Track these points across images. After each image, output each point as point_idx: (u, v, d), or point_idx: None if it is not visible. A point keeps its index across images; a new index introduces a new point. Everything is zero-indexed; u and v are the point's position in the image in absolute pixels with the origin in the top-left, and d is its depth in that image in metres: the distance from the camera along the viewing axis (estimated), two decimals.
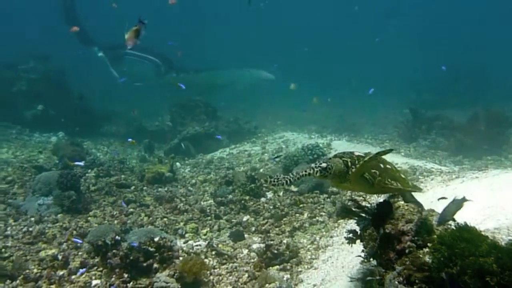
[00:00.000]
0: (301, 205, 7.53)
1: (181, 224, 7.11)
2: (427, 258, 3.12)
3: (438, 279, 2.96)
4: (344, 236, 4.08)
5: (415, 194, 3.98)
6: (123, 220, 7.06)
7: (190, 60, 17.74)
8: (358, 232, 3.96)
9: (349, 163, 3.58)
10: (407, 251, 3.26)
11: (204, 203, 8.09)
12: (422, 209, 3.60)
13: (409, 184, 3.90)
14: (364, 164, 3.49)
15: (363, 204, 3.95)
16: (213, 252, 6.00)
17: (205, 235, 6.80)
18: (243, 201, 7.78)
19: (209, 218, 7.39)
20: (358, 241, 3.98)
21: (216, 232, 6.90)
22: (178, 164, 11.71)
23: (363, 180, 3.59)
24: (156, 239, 5.22)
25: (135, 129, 15.42)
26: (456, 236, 2.99)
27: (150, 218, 7.28)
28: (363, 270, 4.08)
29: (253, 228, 6.89)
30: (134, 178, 9.74)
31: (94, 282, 5.04)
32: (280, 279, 5.12)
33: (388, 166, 3.84)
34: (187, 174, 10.60)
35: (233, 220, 7.21)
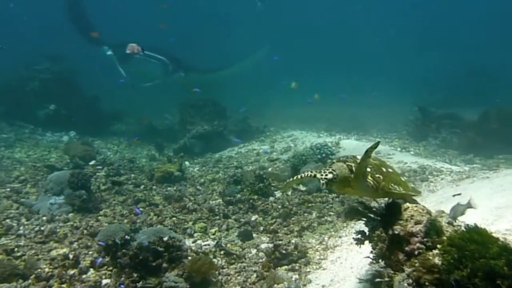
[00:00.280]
0: (310, 205, 7.52)
1: (190, 224, 7.14)
2: (437, 260, 3.09)
3: (448, 282, 2.94)
4: (353, 237, 4.06)
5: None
6: (133, 220, 7.11)
7: (199, 59, 17.76)
8: (367, 233, 3.94)
9: (353, 167, 3.53)
10: (416, 253, 3.24)
11: (213, 203, 8.12)
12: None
13: (410, 188, 3.87)
14: (359, 168, 3.43)
15: (372, 205, 3.93)
16: (222, 252, 6.02)
17: (214, 235, 6.82)
18: (252, 201, 7.79)
19: (218, 218, 7.41)
20: (367, 242, 3.96)
21: (225, 232, 6.91)
22: (187, 163, 11.77)
23: (367, 185, 3.55)
24: (165, 239, 5.24)
25: (145, 128, 15.53)
26: (466, 238, 2.96)
27: (159, 218, 7.32)
28: (372, 271, 4.06)
29: (262, 228, 6.90)
30: (144, 177, 9.81)
31: (104, 282, 5.09)
32: (289, 280, 5.11)
33: (390, 170, 3.81)
34: (196, 173, 10.64)
35: (242, 220, 7.22)
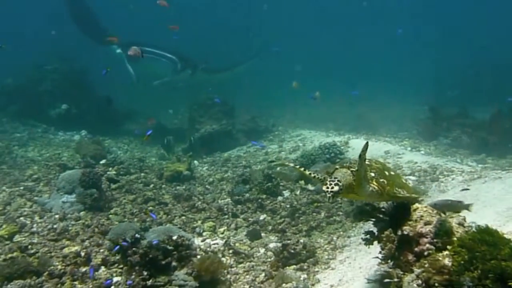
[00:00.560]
0: (318, 205, 7.51)
1: (199, 223, 7.19)
2: (447, 261, 3.08)
3: (458, 283, 2.92)
4: (361, 237, 4.06)
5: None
6: (143, 218, 7.18)
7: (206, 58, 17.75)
8: (376, 233, 3.94)
9: None
10: (426, 254, 3.24)
11: (222, 202, 8.15)
12: None
13: (412, 190, 3.85)
14: (358, 174, 3.38)
15: (381, 206, 3.92)
16: (230, 251, 6.06)
17: (223, 234, 6.86)
18: (260, 200, 7.81)
19: (226, 217, 7.45)
20: (376, 242, 3.96)
21: (233, 231, 6.95)
22: (196, 163, 11.81)
23: (371, 191, 3.52)
24: (175, 238, 5.29)
25: (155, 128, 15.60)
26: (477, 239, 2.95)
27: (169, 216, 7.39)
28: (381, 272, 4.05)
29: (270, 227, 6.92)
30: (153, 176, 9.86)
31: (115, 279, 5.16)
32: (297, 279, 5.12)
33: (393, 173, 3.79)
34: (205, 173, 10.68)
35: (250, 219, 7.25)
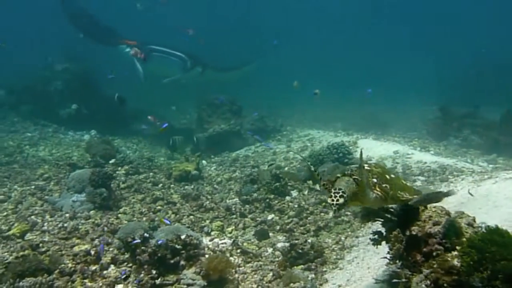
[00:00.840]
0: (326, 204, 7.49)
1: (207, 222, 7.22)
2: (456, 262, 3.06)
3: (468, 284, 2.91)
4: (370, 237, 4.04)
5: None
6: (151, 218, 7.23)
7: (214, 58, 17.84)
8: (384, 234, 3.92)
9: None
10: (435, 254, 3.22)
11: (230, 201, 8.17)
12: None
13: (413, 192, 3.83)
14: (362, 184, 3.34)
15: (389, 206, 3.91)
16: (238, 250, 6.08)
17: (231, 233, 6.88)
18: (268, 200, 7.82)
19: (234, 216, 7.47)
20: (384, 242, 3.94)
21: (241, 231, 6.96)
22: (204, 162, 11.86)
23: (375, 197, 3.51)
24: (183, 237, 5.33)
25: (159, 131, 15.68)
26: (487, 239, 2.93)
27: (177, 216, 7.43)
28: (389, 272, 4.03)
29: (278, 227, 6.92)
30: (162, 176, 9.92)
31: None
32: (305, 279, 5.12)
33: (393, 176, 3.77)
34: (213, 172, 10.72)
35: (258, 219, 7.26)
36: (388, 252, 3.82)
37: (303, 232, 6.65)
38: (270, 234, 6.72)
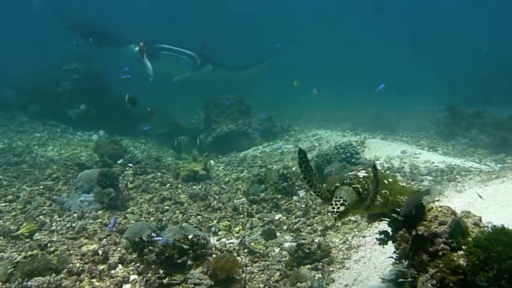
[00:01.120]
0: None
1: (214, 222, 7.24)
2: (462, 261, 3.05)
3: (473, 283, 2.90)
4: (376, 237, 4.04)
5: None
6: (159, 217, 7.27)
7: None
8: (390, 233, 3.92)
9: (361, 190, 3.52)
10: (441, 254, 3.21)
11: (237, 201, 8.19)
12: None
13: (411, 193, 3.83)
14: (372, 203, 3.41)
15: None
16: (245, 250, 6.09)
17: (238, 233, 6.90)
18: (275, 200, 7.83)
19: (242, 216, 7.49)
20: (390, 242, 3.94)
21: (249, 230, 6.98)
22: (212, 162, 11.91)
23: (377, 205, 3.54)
24: (190, 237, 5.34)
25: (172, 127, 15.75)
26: (493, 239, 2.92)
27: (185, 216, 7.46)
28: (395, 272, 4.04)
29: (285, 227, 6.93)
30: (170, 176, 9.97)
31: (132, 277, 5.25)
32: (312, 278, 5.12)
33: (391, 180, 3.78)
34: (221, 172, 10.75)
35: (265, 219, 7.27)
36: (394, 252, 3.82)
37: (310, 232, 6.65)
38: (277, 234, 6.73)
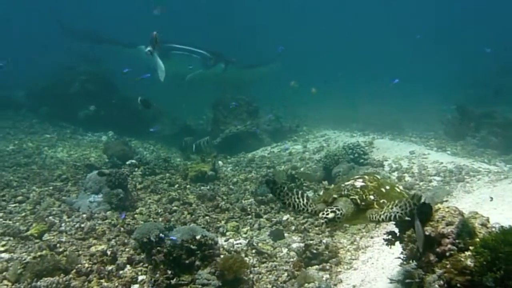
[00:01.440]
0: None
1: (222, 223, 7.26)
2: (469, 262, 3.04)
3: (481, 284, 2.88)
4: (383, 238, 4.03)
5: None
6: (167, 218, 7.31)
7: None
8: (398, 234, 3.91)
9: (359, 201, 3.51)
10: (448, 254, 3.20)
11: (245, 202, 8.21)
12: None
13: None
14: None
15: None
16: (253, 251, 6.10)
17: (246, 234, 6.91)
18: None
19: (250, 217, 7.50)
20: (398, 243, 3.93)
21: (257, 231, 6.99)
22: (220, 163, 11.94)
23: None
24: (198, 237, 5.35)
25: (180, 128, 15.85)
26: (500, 240, 2.90)
27: (193, 216, 7.48)
28: (404, 272, 4.02)
29: (293, 227, 6.93)
30: (178, 177, 10.01)
31: (140, 278, 5.28)
32: (319, 279, 5.12)
33: (388, 187, 3.77)
34: (229, 173, 10.78)
35: (273, 219, 7.28)
36: (402, 252, 3.80)
37: (318, 233, 6.65)
38: (285, 235, 6.73)
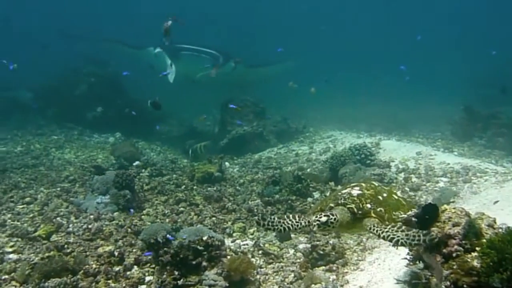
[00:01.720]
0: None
1: (229, 223, 7.28)
2: (476, 263, 3.03)
3: (487, 285, 2.87)
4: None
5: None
6: (174, 219, 7.34)
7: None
8: None
9: (355, 209, 3.52)
10: (454, 255, 3.19)
11: (252, 203, 8.23)
12: None
13: (406, 207, 3.80)
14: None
15: None
16: (260, 252, 6.12)
17: (252, 235, 6.93)
18: (290, 201, 7.85)
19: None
20: None
21: (263, 232, 6.99)
22: (227, 164, 11.96)
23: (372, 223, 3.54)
24: (205, 238, 5.38)
25: (187, 129, 15.91)
26: (507, 240, 2.89)
27: (199, 217, 7.51)
28: (410, 273, 4.01)
29: None
30: (185, 178, 10.04)
31: (147, 278, 5.31)
32: (326, 280, 5.12)
33: (385, 195, 3.76)
34: (236, 174, 10.80)
35: None
36: (408, 253, 3.80)
37: (325, 234, 6.63)
38: (292, 236, 6.73)
